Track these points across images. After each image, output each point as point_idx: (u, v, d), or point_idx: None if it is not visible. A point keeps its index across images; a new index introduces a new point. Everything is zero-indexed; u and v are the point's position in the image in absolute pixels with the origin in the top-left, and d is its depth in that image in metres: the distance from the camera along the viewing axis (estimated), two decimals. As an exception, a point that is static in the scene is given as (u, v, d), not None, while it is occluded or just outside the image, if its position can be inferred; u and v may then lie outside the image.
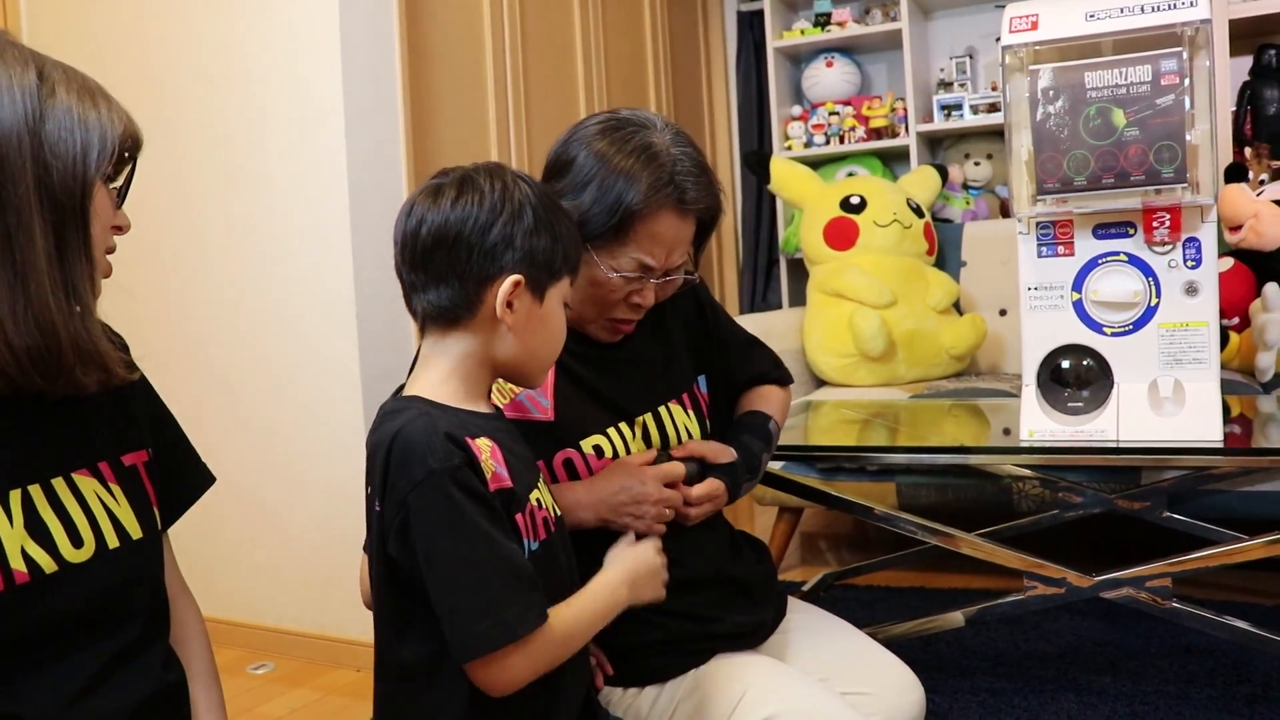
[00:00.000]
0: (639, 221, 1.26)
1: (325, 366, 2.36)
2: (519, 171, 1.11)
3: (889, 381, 3.07)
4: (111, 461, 0.98)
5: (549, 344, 1.11)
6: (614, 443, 1.32)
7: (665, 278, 1.32)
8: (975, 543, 1.82)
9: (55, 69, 0.91)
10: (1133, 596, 1.74)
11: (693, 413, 1.42)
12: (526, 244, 1.05)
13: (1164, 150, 1.55)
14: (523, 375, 1.12)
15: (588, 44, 3.40)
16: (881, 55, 4.22)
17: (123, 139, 0.93)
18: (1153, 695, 1.92)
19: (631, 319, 1.34)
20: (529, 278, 1.05)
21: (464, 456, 0.97)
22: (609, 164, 1.27)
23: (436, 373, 1.07)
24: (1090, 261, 1.69)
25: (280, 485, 2.46)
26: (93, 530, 0.93)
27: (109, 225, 0.95)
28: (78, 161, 0.89)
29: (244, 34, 2.41)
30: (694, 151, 1.32)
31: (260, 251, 2.44)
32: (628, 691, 1.28)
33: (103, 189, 0.92)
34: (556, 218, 1.09)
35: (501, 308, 1.04)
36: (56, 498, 0.92)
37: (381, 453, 0.99)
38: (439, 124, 2.64)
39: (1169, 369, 1.65)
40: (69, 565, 0.91)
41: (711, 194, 1.32)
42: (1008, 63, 1.67)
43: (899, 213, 3.24)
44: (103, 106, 0.92)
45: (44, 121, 0.87)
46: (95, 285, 0.93)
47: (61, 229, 0.89)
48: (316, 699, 2.20)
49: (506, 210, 1.05)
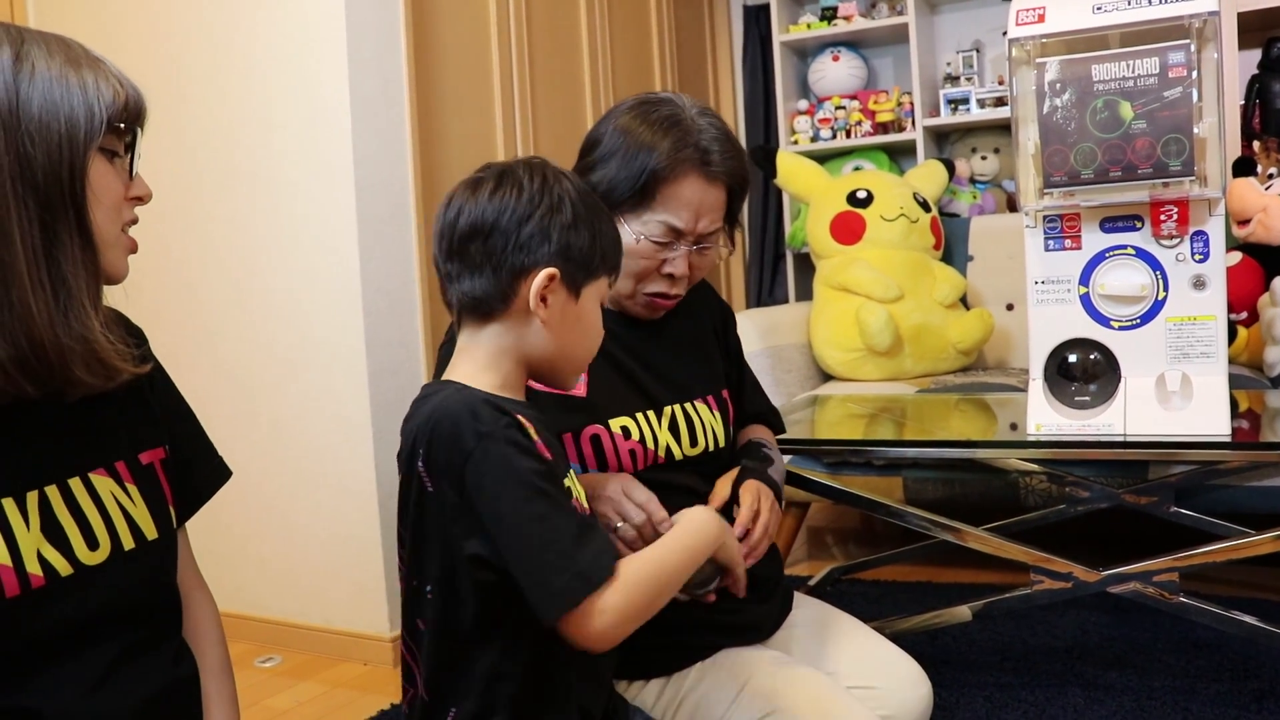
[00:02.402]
0: (663, 184, 1.30)
1: (332, 361, 2.37)
2: (561, 169, 1.11)
3: (895, 376, 3.07)
4: (128, 460, 0.97)
5: (583, 343, 1.11)
6: (641, 427, 1.32)
7: (698, 246, 1.34)
8: (982, 537, 1.82)
9: (36, 43, 0.86)
10: (1140, 591, 1.73)
11: (719, 414, 1.42)
12: (563, 239, 1.05)
13: (1172, 143, 1.55)
14: (555, 374, 1.12)
15: (594, 40, 3.39)
16: (888, 49, 4.21)
17: (117, 107, 0.88)
18: (1160, 690, 1.91)
19: (668, 293, 1.35)
20: (564, 273, 1.05)
21: (510, 420, 0.97)
22: (634, 134, 1.32)
23: (472, 365, 1.07)
24: (1097, 255, 1.68)
25: (287, 480, 2.46)
26: (108, 532, 0.93)
27: (119, 200, 0.91)
28: (63, 142, 0.84)
29: (251, 29, 2.41)
30: (720, 123, 1.35)
31: (267, 247, 2.44)
32: (633, 684, 1.28)
33: (104, 163, 0.88)
34: (597, 216, 1.09)
35: (535, 300, 1.04)
36: (73, 499, 0.91)
37: (425, 433, 0.98)
38: (445, 119, 2.64)
39: (1177, 363, 1.64)
40: (84, 568, 0.90)
41: (737, 160, 1.34)
42: (1014, 56, 1.67)
43: (906, 207, 3.24)
44: (89, 75, 0.87)
45: (21, 105, 0.83)
46: (99, 272, 0.88)
47: (50, 220, 0.84)
48: (323, 692, 2.21)
49: (545, 203, 1.05)
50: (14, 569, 0.86)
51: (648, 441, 1.32)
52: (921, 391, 2.79)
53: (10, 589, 0.85)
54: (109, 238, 0.89)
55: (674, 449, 1.34)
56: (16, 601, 0.85)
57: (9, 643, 0.86)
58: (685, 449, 1.35)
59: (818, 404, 2.55)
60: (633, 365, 1.35)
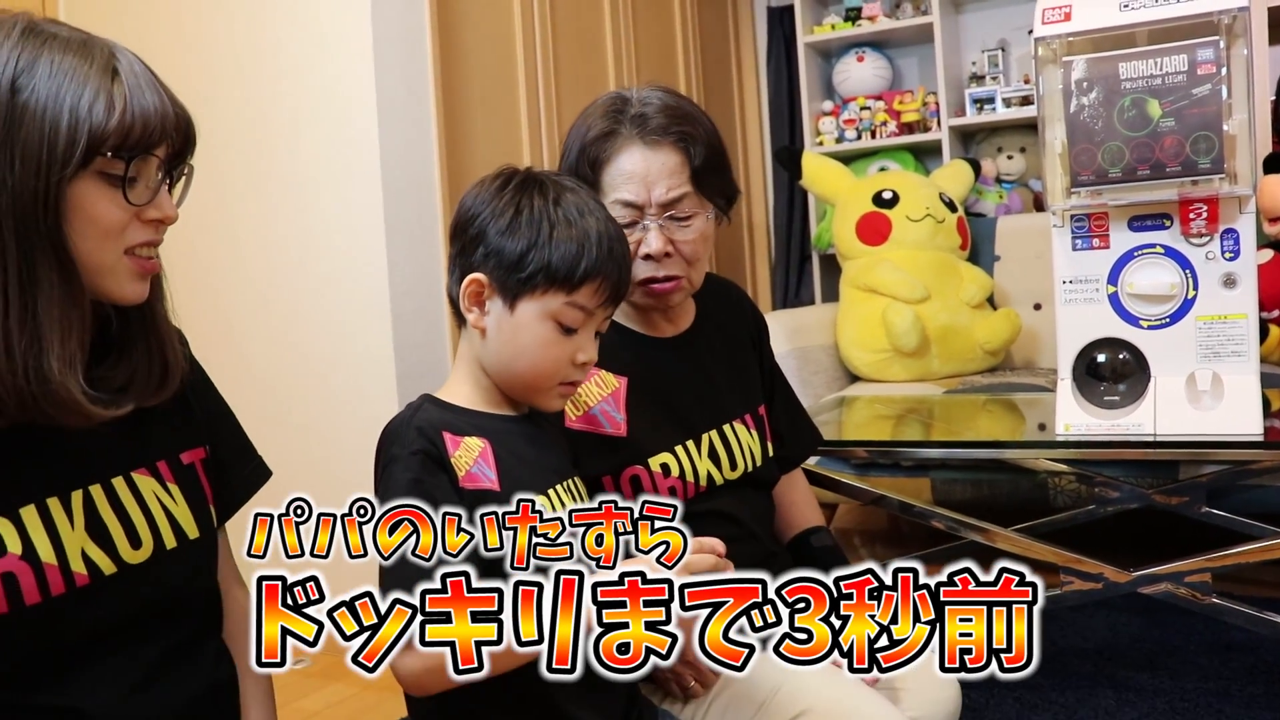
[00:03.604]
0: (604, 162, 1.28)
1: (360, 365, 2.38)
2: (562, 180, 1.10)
3: (923, 377, 3.05)
4: (170, 460, 0.98)
5: (523, 361, 1.06)
6: (681, 461, 1.30)
7: (670, 218, 1.27)
8: (1011, 537, 1.81)
9: (51, 51, 0.82)
10: (1171, 592, 1.72)
11: (755, 432, 1.40)
12: (496, 244, 1.04)
13: (1201, 141, 1.54)
14: (513, 391, 1.09)
15: (618, 41, 3.40)
16: (913, 49, 4.19)
17: (107, 131, 0.82)
18: (1193, 692, 1.90)
19: (658, 276, 1.28)
20: (494, 280, 1.04)
21: (428, 447, 0.99)
22: (580, 122, 1.32)
23: (456, 377, 1.10)
24: (1126, 254, 1.67)
25: (315, 483, 2.47)
26: (151, 531, 0.93)
27: (116, 226, 0.86)
28: (41, 168, 0.80)
29: (277, 35, 2.43)
30: (667, 95, 1.31)
31: (294, 251, 2.46)
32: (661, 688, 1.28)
33: (96, 187, 0.84)
34: (552, 228, 1.04)
35: (463, 302, 1.06)
36: (117, 498, 0.92)
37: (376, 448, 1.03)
38: (471, 123, 2.65)
39: (1207, 362, 1.63)
40: (127, 566, 0.91)
41: (687, 123, 1.28)
42: (1040, 54, 1.66)
43: (932, 207, 3.23)
44: (87, 93, 0.82)
45: (13, 123, 0.80)
46: (81, 306, 0.84)
47: (26, 248, 0.80)
48: (353, 694, 2.22)
49: (490, 208, 1.05)
50: (59, 567, 0.86)
51: (687, 475, 1.30)
52: (949, 392, 2.78)
53: (55, 587, 0.86)
54: (101, 265, 0.86)
55: (715, 476, 1.33)
56: (61, 600, 0.86)
57: (53, 641, 0.87)
58: (726, 473, 1.34)
59: (845, 405, 2.54)
60: (668, 390, 1.33)
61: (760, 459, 1.40)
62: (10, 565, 0.84)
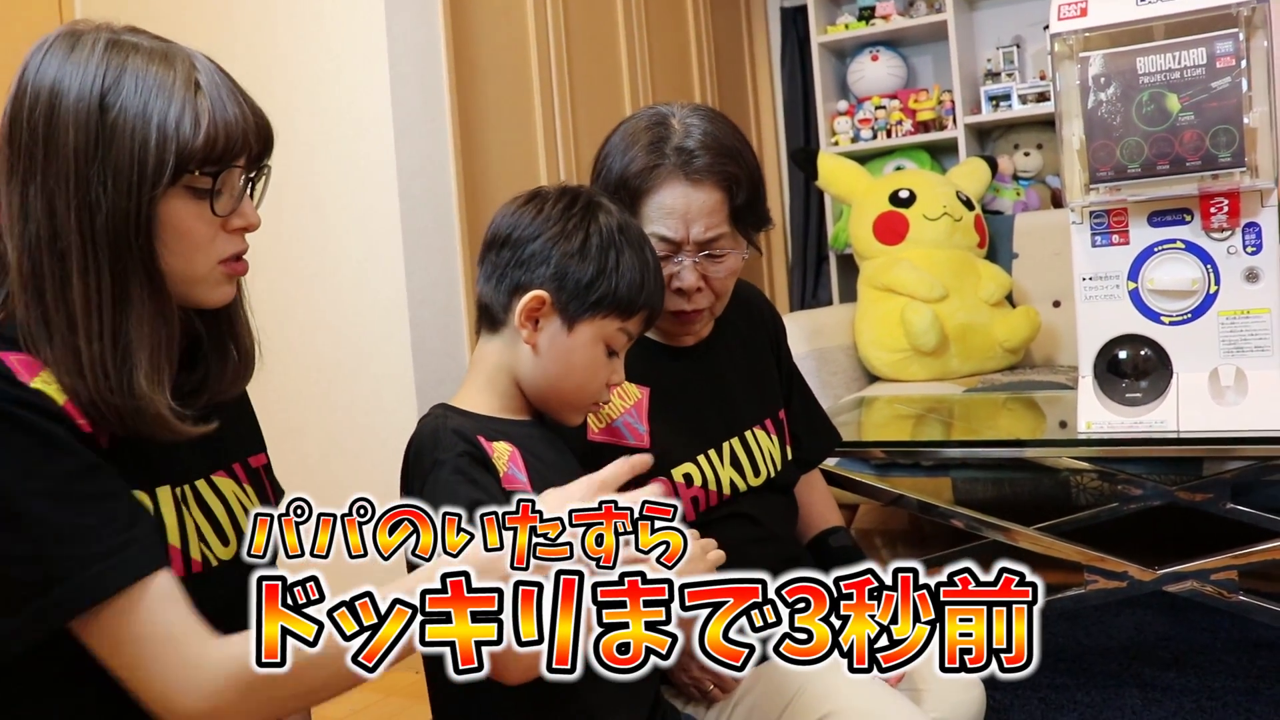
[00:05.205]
0: (644, 194, 1.24)
1: (378, 373, 2.39)
2: (614, 206, 1.12)
3: (942, 376, 3.04)
4: (243, 463, 1.00)
5: (571, 380, 1.09)
6: (704, 470, 1.30)
7: (705, 255, 1.26)
8: (1034, 537, 1.80)
9: (134, 67, 0.83)
10: (1198, 590, 1.70)
11: (776, 437, 1.40)
12: (562, 265, 1.05)
13: (1221, 134, 1.52)
14: (547, 407, 1.11)
15: (631, 45, 3.40)
16: (927, 47, 4.18)
17: (194, 146, 0.83)
18: (1220, 691, 1.88)
19: (686, 309, 1.28)
20: (556, 300, 1.06)
21: (470, 448, 0.99)
22: (619, 141, 1.28)
23: (473, 383, 1.11)
24: (1146, 250, 1.66)
25: (334, 492, 2.47)
26: (234, 529, 0.95)
27: (205, 239, 0.87)
28: (131, 188, 0.82)
29: (292, 44, 2.44)
30: (713, 125, 1.27)
31: (311, 260, 2.47)
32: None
33: (185, 203, 0.85)
34: (620, 255, 1.07)
35: (520, 318, 1.06)
36: (201, 498, 0.94)
37: (404, 460, 1.03)
38: (487, 130, 2.65)
39: (1230, 357, 1.62)
40: (222, 562, 0.93)
41: (729, 159, 1.25)
42: (1057, 50, 1.65)
43: (949, 205, 3.21)
44: (175, 105, 0.83)
45: (101, 141, 0.81)
46: (171, 324, 0.86)
47: (119, 268, 0.82)
48: (377, 700, 2.23)
49: (556, 228, 1.07)
50: (181, 552, 0.89)
51: (710, 484, 1.30)
52: (969, 391, 2.77)
53: (177, 570, 0.87)
54: (193, 276, 0.88)
55: (737, 483, 1.33)
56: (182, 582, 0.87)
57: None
58: (749, 480, 1.34)
59: (864, 405, 2.53)
60: (689, 399, 1.33)
61: (781, 464, 1.40)
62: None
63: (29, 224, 0.82)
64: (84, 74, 0.82)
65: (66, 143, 0.81)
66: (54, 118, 0.81)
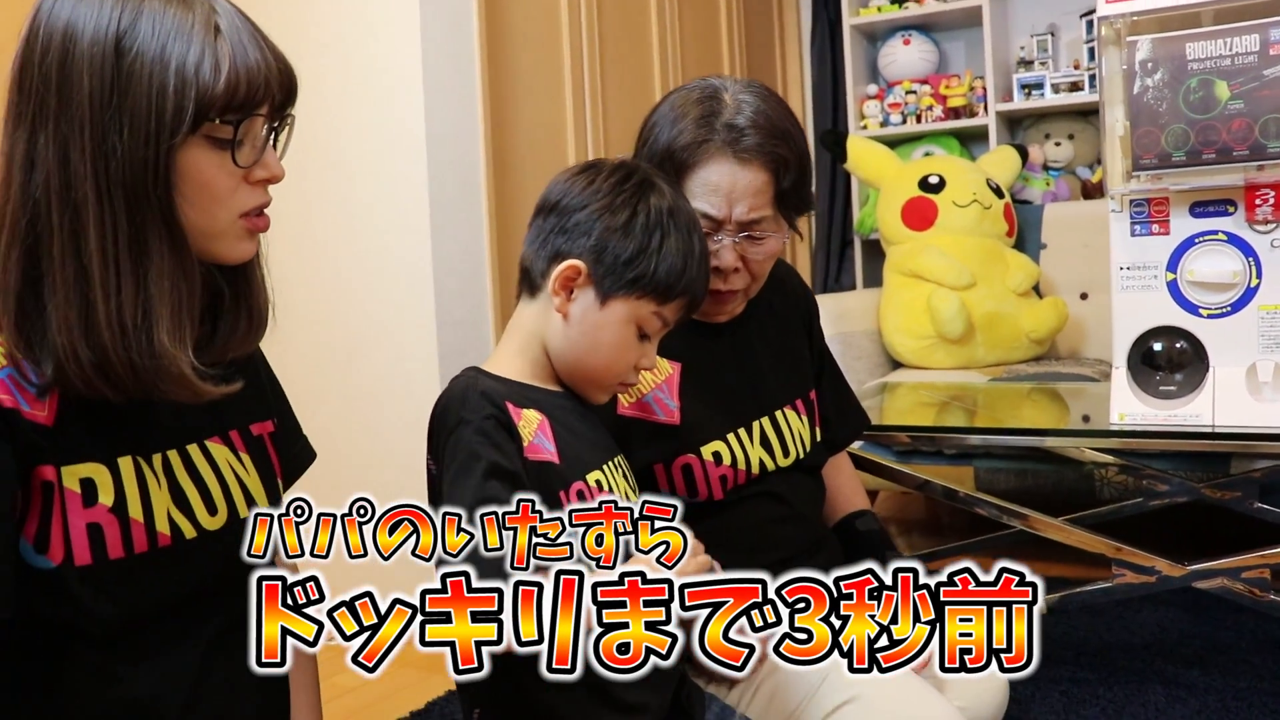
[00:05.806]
0: (690, 168, 1.22)
1: (402, 342, 2.38)
2: (665, 184, 1.10)
3: (967, 364, 3.01)
4: (241, 430, 0.98)
5: (597, 356, 1.08)
6: (733, 449, 1.29)
7: (745, 235, 1.23)
8: (1063, 528, 1.78)
9: (152, 3, 0.79)
10: (1228, 587, 1.68)
11: (805, 418, 1.39)
12: (603, 239, 1.05)
13: (1271, 124, 1.49)
14: (573, 381, 1.11)
15: (663, 24, 3.37)
16: (960, 33, 4.13)
17: (214, 94, 0.79)
18: (1246, 691, 1.85)
19: (721, 288, 1.26)
20: (594, 273, 1.05)
21: (496, 413, 0.99)
22: (669, 111, 1.25)
23: (507, 348, 1.10)
24: (1186, 240, 1.63)
25: (356, 459, 2.47)
26: (225, 499, 0.93)
27: (227, 190, 0.84)
28: (150, 136, 0.78)
29: (324, 11, 2.42)
30: (765, 104, 1.24)
31: (338, 227, 2.45)
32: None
33: (205, 152, 0.81)
34: (663, 238, 1.06)
35: (554, 285, 1.05)
36: (193, 465, 0.92)
37: (431, 419, 1.02)
38: (517, 101, 2.63)
39: (1269, 353, 1.59)
40: (206, 532, 0.91)
41: (780, 140, 1.23)
42: (1103, 34, 1.61)
43: (979, 193, 3.18)
44: (195, 49, 0.79)
45: (117, 88, 0.77)
46: (192, 278, 0.83)
47: (137, 219, 0.79)
48: (389, 671, 2.22)
49: (603, 201, 1.06)
50: (144, 525, 0.86)
51: (739, 463, 1.29)
52: (993, 380, 2.74)
53: (139, 544, 0.85)
54: (212, 230, 0.85)
55: (766, 463, 1.31)
56: (143, 558, 0.86)
57: (131, 601, 0.86)
58: (779, 460, 1.32)
59: (888, 391, 2.51)
60: (721, 377, 1.32)
61: (810, 445, 1.39)
62: (98, 516, 0.83)
63: (35, 173, 0.79)
64: (99, 16, 0.78)
65: (81, 88, 0.78)
66: (68, 62, 0.78)
